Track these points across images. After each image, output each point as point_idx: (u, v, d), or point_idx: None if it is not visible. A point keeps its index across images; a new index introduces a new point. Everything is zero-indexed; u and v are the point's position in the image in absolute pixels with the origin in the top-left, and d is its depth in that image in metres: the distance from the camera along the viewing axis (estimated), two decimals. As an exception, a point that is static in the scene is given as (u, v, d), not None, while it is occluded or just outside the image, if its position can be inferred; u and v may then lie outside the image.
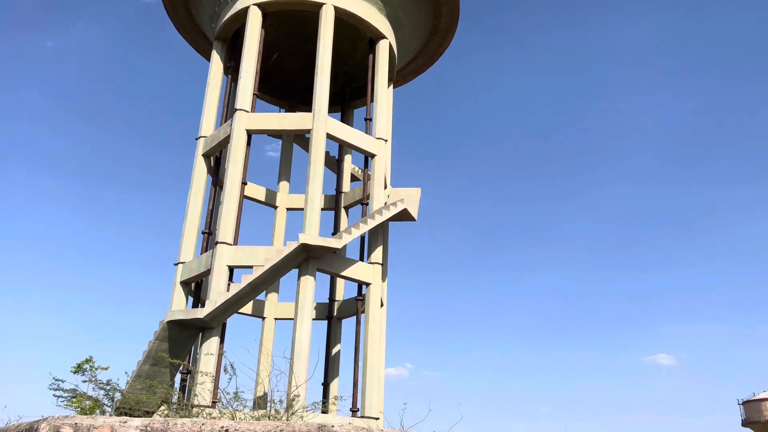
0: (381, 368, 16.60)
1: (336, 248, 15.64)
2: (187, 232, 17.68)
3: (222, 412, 11.90)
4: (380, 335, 16.98)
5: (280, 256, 14.95)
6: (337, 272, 16.48)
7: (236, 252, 16.08)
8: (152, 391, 12.20)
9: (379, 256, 17.50)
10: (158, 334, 14.60)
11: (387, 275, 18.60)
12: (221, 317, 15.29)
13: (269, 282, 16.13)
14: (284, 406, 12.25)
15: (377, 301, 16.77)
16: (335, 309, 19.45)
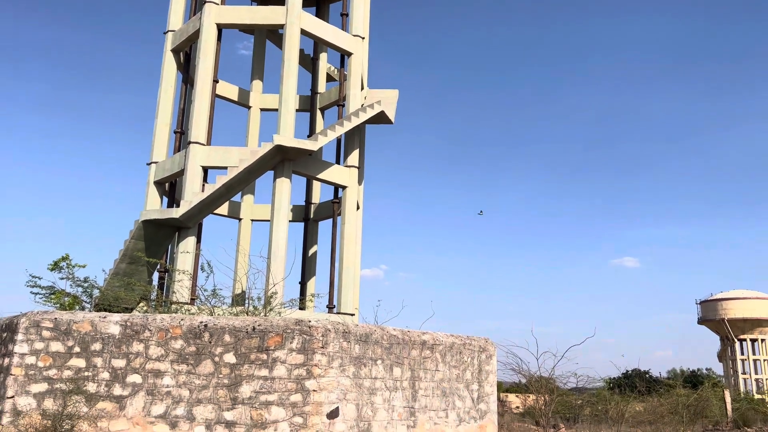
0: (357, 268, 17.06)
1: (312, 150, 15.56)
2: (159, 131, 17.35)
3: (201, 308, 12.25)
4: (356, 237, 17.30)
5: (255, 158, 14.85)
6: (312, 175, 16.49)
7: (210, 152, 15.92)
8: (130, 289, 12.45)
9: (356, 159, 17.49)
10: (134, 233, 14.68)
11: (363, 179, 18.68)
12: (197, 217, 15.38)
13: (244, 183, 16.11)
14: (262, 303, 12.63)
15: (353, 204, 16.95)
16: (312, 211, 19.63)
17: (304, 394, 9.16)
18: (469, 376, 11.92)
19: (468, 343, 12.10)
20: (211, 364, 9.24)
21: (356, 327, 10.23)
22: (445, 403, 11.25)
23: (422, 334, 11.31)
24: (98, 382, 9.05)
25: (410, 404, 10.61)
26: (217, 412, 9.04)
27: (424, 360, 11.08)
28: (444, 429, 11.11)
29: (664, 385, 27.61)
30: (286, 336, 9.38)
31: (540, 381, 16.10)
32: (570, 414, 20.49)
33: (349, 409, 9.55)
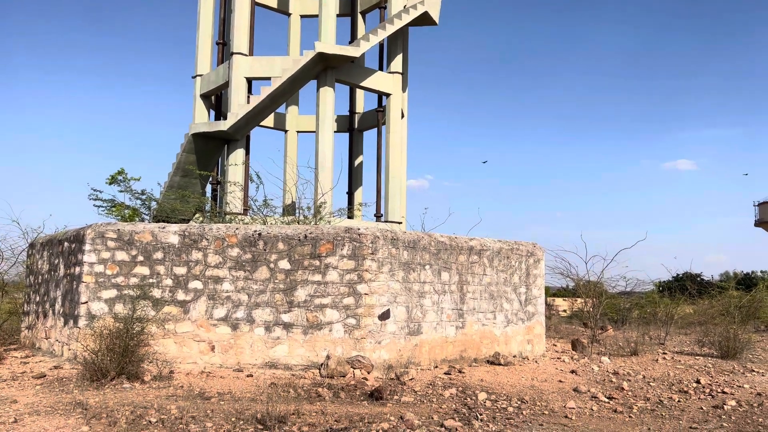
0: (403, 177, 17.06)
1: (354, 57, 15.20)
2: (201, 43, 17.22)
3: (253, 218, 12.60)
4: (401, 146, 17.17)
5: (297, 67, 14.64)
6: (356, 83, 16.21)
7: (253, 63, 15.77)
8: (185, 201, 12.85)
9: (399, 65, 17.03)
10: (185, 147, 14.96)
11: (407, 86, 18.27)
12: (244, 129, 15.49)
13: (288, 94, 16.01)
14: (312, 212, 12.88)
15: (398, 112, 16.70)
16: (356, 121, 19.48)
17: (356, 298, 9.49)
18: (516, 280, 12.06)
19: (516, 248, 12.16)
20: (267, 270, 9.61)
21: (404, 234, 10.36)
22: (492, 306, 11.49)
23: (469, 240, 11.40)
24: (162, 288, 9.57)
25: (458, 306, 10.88)
26: (274, 314, 9.50)
27: (472, 265, 11.23)
28: (492, 329, 11.41)
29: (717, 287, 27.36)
30: (337, 243, 9.61)
31: (588, 284, 16.15)
32: (618, 316, 20.67)
33: (399, 311, 9.88)
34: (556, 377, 10.12)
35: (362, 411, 7.23)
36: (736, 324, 13.81)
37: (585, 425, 7.26)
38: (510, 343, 11.72)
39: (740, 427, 7.36)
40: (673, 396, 9.05)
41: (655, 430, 7.15)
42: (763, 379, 10.42)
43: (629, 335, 14.94)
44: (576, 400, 8.55)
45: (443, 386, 8.81)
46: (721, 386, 9.70)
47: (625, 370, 10.89)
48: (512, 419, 7.29)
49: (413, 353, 10.04)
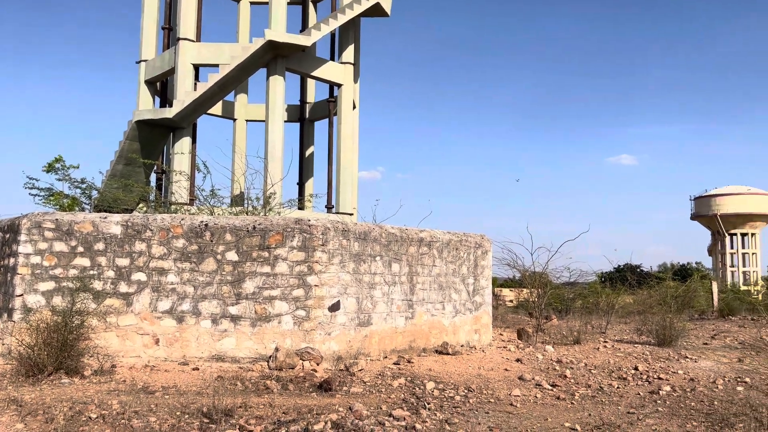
0: (354, 168, 17.04)
1: (305, 46, 15.05)
2: (146, 28, 16.69)
3: (200, 208, 12.34)
4: (353, 137, 17.14)
5: (246, 54, 14.39)
6: (306, 72, 16.06)
7: (200, 49, 15.40)
8: (129, 190, 12.47)
9: (351, 55, 16.96)
10: (128, 134, 14.51)
11: (359, 76, 18.21)
12: (191, 117, 15.14)
13: (237, 81, 15.72)
14: (261, 203, 12.71)
15: (349, 103, 16.64)
16: (307, 111, 19.31)
17: (306, 289, 9.44)
18: (465, 271, 12.25)
19: (464, 240, 12.33)
20: (214, 261, 9.43)
21: (355, 225, 10.36)
22: (442, 296, 11.63)
23: (420, 232, 11.49)
24: (104, 280, 9.27)
25: (408, 297, 10.97)
26: (222, 307, 9.35)
27: (422, 256, 11.33)
28: (441, 320, 11.56)
29: (655, 278, 28.47)
30: (287, 234, 9.52)
31: (534, 275, 16.55)
32: (562, 306, 21.27)
33: (349, 303, 9.88)
34: (502, 366, 10.35)
35: (311, 403, 7.21)
36: (672, 313, 14.41)
37: (529, 412, 7.45)
38: (458, 333, 11.91)
39: (674, 411, 7.70)
40: (612, 383, 9.39)
41: (595, 415, 7.40)
42: (696, 365, 10.93)
43: (572, 324, 15.39)
44: (521, 388, 8.77)
45: (392, 376, 8.87)
46: (658, 373, 10.12)
47: (568, 359, 11.22)
48: (459, 408, 7.42)
49: (363, 344, 10.07)
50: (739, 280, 57.94)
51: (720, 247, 66.85)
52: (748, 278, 58.38)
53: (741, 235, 65.86)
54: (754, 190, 65.32)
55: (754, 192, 65.14)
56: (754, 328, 15.96)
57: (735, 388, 9.10)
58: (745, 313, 21.68)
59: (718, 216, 64.49)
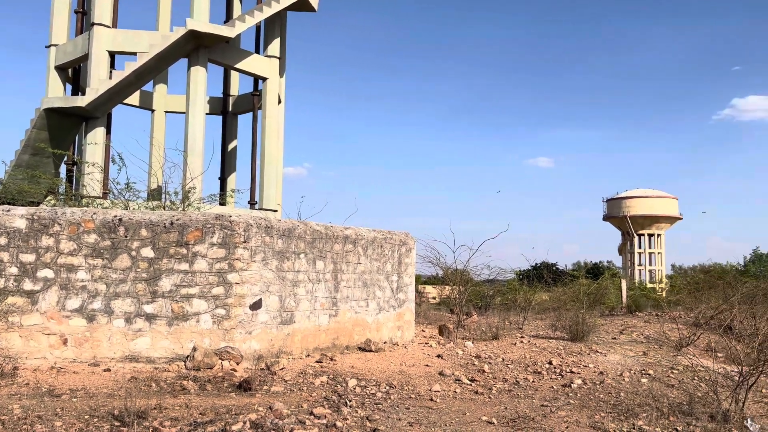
0: (279, 164, 16.80)
1: (229, 37, 14.69)
2: (58, 10, 15.76)
3: (114, 202, 11.81)
4: (278, 132, 16.89)
5: (166, 43, 13.88)
6: (230, 64, 15.68)
7: (116, 36, 14.71)
8: (35, 182, 11.76)
9: (277, 49, 16.71)
10: (36, 123, 13.66)
11: (285, 71, 17.98)
12: (105, 106, 14.44)
13: (156, 71, 15.14)
14: (180, 197, 12.31)
15: (274, 97, 16.39)
16: (230, 104, 18.86)
17: (227, 287, 9.23)
18: (389, 269, 12.36)
19: (389, 238, 12.44)
20: (128, 258, 9.05)
21: (279, 222, 10.23)
22: (366, 294, 11.69)
23: (345, 229, 11.49)
24: (6, 277, 8.70)
25: (332, 295, 10.95)
26: (136, 305, 8.99)
27: (347, 254, 11.34)
28: (365, 317, 11.61)
29: (569, 276, 29.73)
30: (207, 230, 9.27)
31: (455, 273, 16.92)
32: (482, 303, 21.87)
33: (272, 301, 9.74)
34: (424, 362, 10.52)
35: (230, 403, 7.06)
36: (584, 310, 15.11)
37: (448, 407, 7.62)
38: (381, 330, 12.00)
39: (584, 403, 8.10)
40: (528, 377, 9.75)
41: (511, 409, 7.67)
42: (605, 359, 11.53)
43: (492, 321, 15.87)
44: (441, 383, 8.95)
45: (314, 374, 8.83)
46: (570, 366, 10.60)
47: (487, 354, 11.55)
48: (380, 404, 7.48)
49: (285, 342, 9.96)
50: (645, 278, 61.65)
51: (629, 246, 70.83)
52: (654, 276, 62.18)
53: (648, 235, 70.09)
54: (660, 194, 69.72)
55: (661, 195, 69.56)
56: (658, 324, 17.01)
57: (640, 380, 9.67)
58: (650, 310, 23.04)
59: (627, 217, 68.39)
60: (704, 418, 7.09)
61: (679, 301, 21.06)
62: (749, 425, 6.82)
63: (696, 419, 7.09)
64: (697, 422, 6.98)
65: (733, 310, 13.99)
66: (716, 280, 19.39)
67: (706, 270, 30.14)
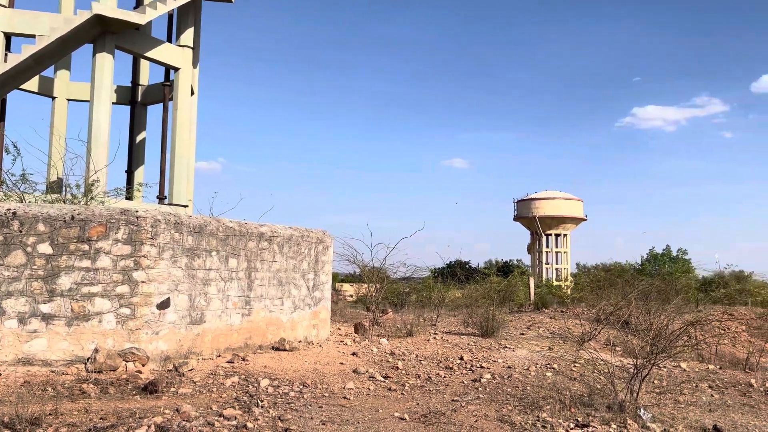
0: (191, 157, 16.25)
1: (138, 24, 14.03)
2: (-57, -16, 14.46)
3: (8, 194, 11.02)
4: (190, 124, 16.33)
5: (70, 27, 13.08)
6: (140, 52, 14.99)
7: (13, 16, 13.70)
8: None
9: (190, 39, 16.14)
10: None
11: (199, 61, 17.41)
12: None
13: (58, 56, 14.25)
14: (82, 191, 11.67)
15: (187, 89, 15.83)
16: (139, 94, 18.04)
17: (132, 286, 8.83)
18: (305, 267, 12.25)
19: (306, 235, 12.33)
20: (23, 254, 8.47)
21: (189, 218, 9.89)
22: (281, 292, 11.53)
23: (260, 226, 11.29)
24: None
25: (246, 293, 10.73)
26: (31, 305, 8.42)
27: (262, 251, 11.14)
28: (279, 316, 11.46)
29: (481, 274, 30.61)
30: (111, 226, 8.82)
31: (372, 271, 17.03)
32: (398, 300, 22.15)
33: (181, 300, 9.41)
34: (338, 360, 10.52)
35: (134, 406, 6.76)
36: (494, 306, 15.64)
37: (362, 404, 7.66)
38: (296, 329, 11.88)
39: (492, 397, 8.38)
40: (440, 372, 9.97)
41: (423, 404, 7.81)
42: (513, 354, 11.98)
43: (407, 318, 16.10)
44: (355, 381, 8.98)
45: (225, 375, 8.62)
46: (480, 362, 10.93)
47: (401, 350, 11.71)
48: (293, 403, 7.41)
49: (195, 343, 9.65)
50: (552, 276, 64.63)
51: (537, 246, 74.08)
52: (560, 274, 65.29)
53: (555, 235, 73.61)
54: (567, 196, 73.42)
55: (567, 197, 73.26)
56: (563, 320, 17.85)
57: (545, 374, 10.12)
58: (556, 306, 24.16)
59: (536, 218, 71.51)
60: (602, 409, 7.51)
61: (582, 298, 22.24)
62: (642, 414, 7.30)
63: (595, 410, 7.50)
64: (596, 413, 7.39)
65: (630, 307, 14.92)
66: (616, 278, 20.61)
67: (607, 269, 31.99)
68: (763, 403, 8.50)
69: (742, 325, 19.65)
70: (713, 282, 29.41)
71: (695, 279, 31.29)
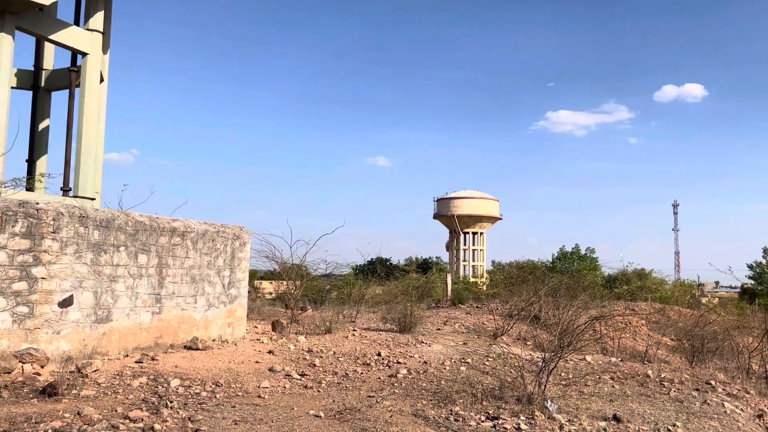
0: (99, 147, 15.42)
1: (42, 4, 13.16)
2: None
3: None
4: (99, 113, 15.50)
5: (-36, 3, 12.09)
6: (44, 34, 14.06)
7: None
8: None
9: (100, 23, 15.31)
10: None
11: (109, 47, 16.55)
12: None
13: (-51, 34, 13.12)
14: (-25, 180, 10.83)
15: (96, 75, 15.00)
16: (42, 79, 16.93)
17: (31, 282, 8.28)
18: (221, 263, 11.94)
19: (222, 231, 12.02)
20: None
21: (96, 212, 9.40)
22: (194, 290, 11.18)
23: (173, 221, 10.90)
24: None
25: (156, 291, 10.32)
26: None
27: (174, 247, 10.75)
28: (192, 314, 11.10)
29: (401, 270, 30.93)
30: (8, 219, 8.23)
31: (292, 268, 16.85)
32: (318, 297, 22.04)
33: (85, 297, 8.93)
34: (254, 358, 10.32)
35: (30, 410, 6.34)
36: (412, 302, 15.87)
37: (276, 403, 7.55)
38: (210, 328, 11.56)
39: (408, 392, 8.48)
40: (357, 369, 9.99)
41: (339, 401, 7.79)
42: (430, 349, 12.19)
43: (326, 315, 16.04)
44: (270, 379, 8.84)
45: (133, 376, 8.25)
46: (397, 357, 11.04)
47: (319, 348, 11.64)
48: (205, 404, 7.19)
49: (101, 342, 9.18)
50: (469, 273, 66.42)
51: (456, 243, 75.88)
52: (477, 271, 67.24)
53: (472, 233, 75.70)
54: (484, 195, 75.69)
55: (484, 197, 75.53)
56: (478, 315, 18.37)
57: (459, 368, 10.36)
58: (472, 302, 24.84)
59: (454, 216, 73.25)
60: (512, 401, 7.78)
61: (496, 294, 22.98)
62: (548, 406, 7.61)
63: (505, 402, 7.76)
64: (506, 405, 7.64)
65: (540, 302, 15.54)
66: (528, 275, 21.42)
67: (520, 266, 33.20)
68: (658, 393, 9.08)
69: (642, 319, 20.94)
70: (617, 279, 31.21)
71: (601, 276, 33.10)
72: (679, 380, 9.91)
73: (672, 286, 34.55)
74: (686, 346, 13.85)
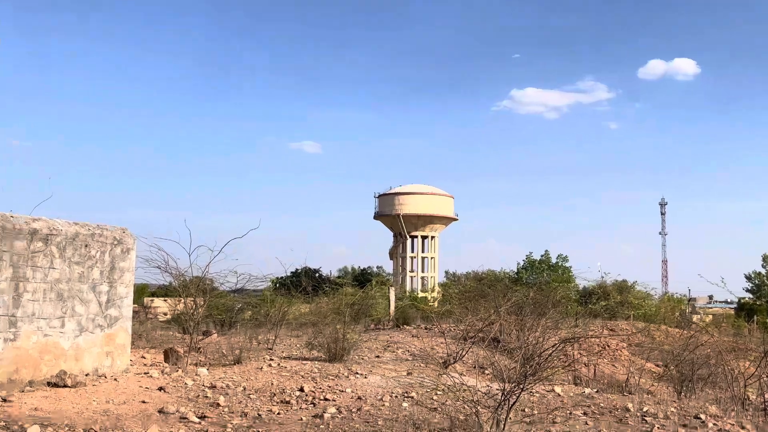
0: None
1: None
2: None
3: None
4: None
5: None
6: None
7: None
8: None
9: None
10: None
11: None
12: None
13: None
14: None
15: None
16: None
17: None
18: (97, 275, 11.57)
19: (98, 234, 11.64)
20: None
21: (-73, 207, 8.91)
22: (61, 310, 10.80)
23: (33, 221, 10.52)
24: None
25: (11, 312, 9.93)
26: None
27: (34, 255, 10.37)
28: (59, 341, 10.71)
29: (333, 284, 30.89)
30: None
31: (192, 281, 16.47)
32: (227, 318, 21.69)
33: None
34: (140, 397, 10.04)
35: None
36: (345, 324, 15.81)
37: (167, 454, 7.33)
38: (83, 358, 11.18)
39: (337, 436, 8.42)
40: (273, 408, 9.85)
41: (248, 450, 7.65)
42: (365, 381, 12.17)
43: (236, 341, 15.78)
44: (160, 423, 8.59)
45: (-24, 423, 7.85)
46: (325, 393, 10.97)
47: (225, 382, 11.43)
48: (72, 458, 6.91)
49: (-68, 380, 8.71)
50: (418, 286, 67.02)
51: (401, 250, 76.36)
52: (427, 284, 67.86)
53: (422, 237, 76.26)
54: (435, 191, 76.32)
55: (436, 192, 76.14)
56: (427, 338, 18.54)
57: (401, 405, 10.38)
58: (420, 322, 25.05)
59: (400, 216, 73.57)
60: (464, 444, 7.83)
61: (449, 312, 23.22)
62: (508, 448, 7.70)
63: (456, 445, 7.80)
64: (457, 449, 7.68)
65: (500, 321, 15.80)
66: (488, 289, 21.76)
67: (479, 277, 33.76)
68: (639, 430, 9.36)
69: (623, 341, 21.64)
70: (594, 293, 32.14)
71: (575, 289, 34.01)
72: (665, 414, 10.25)
73: (658, 302, 35.93)
74: (674, 373, 14.35)
